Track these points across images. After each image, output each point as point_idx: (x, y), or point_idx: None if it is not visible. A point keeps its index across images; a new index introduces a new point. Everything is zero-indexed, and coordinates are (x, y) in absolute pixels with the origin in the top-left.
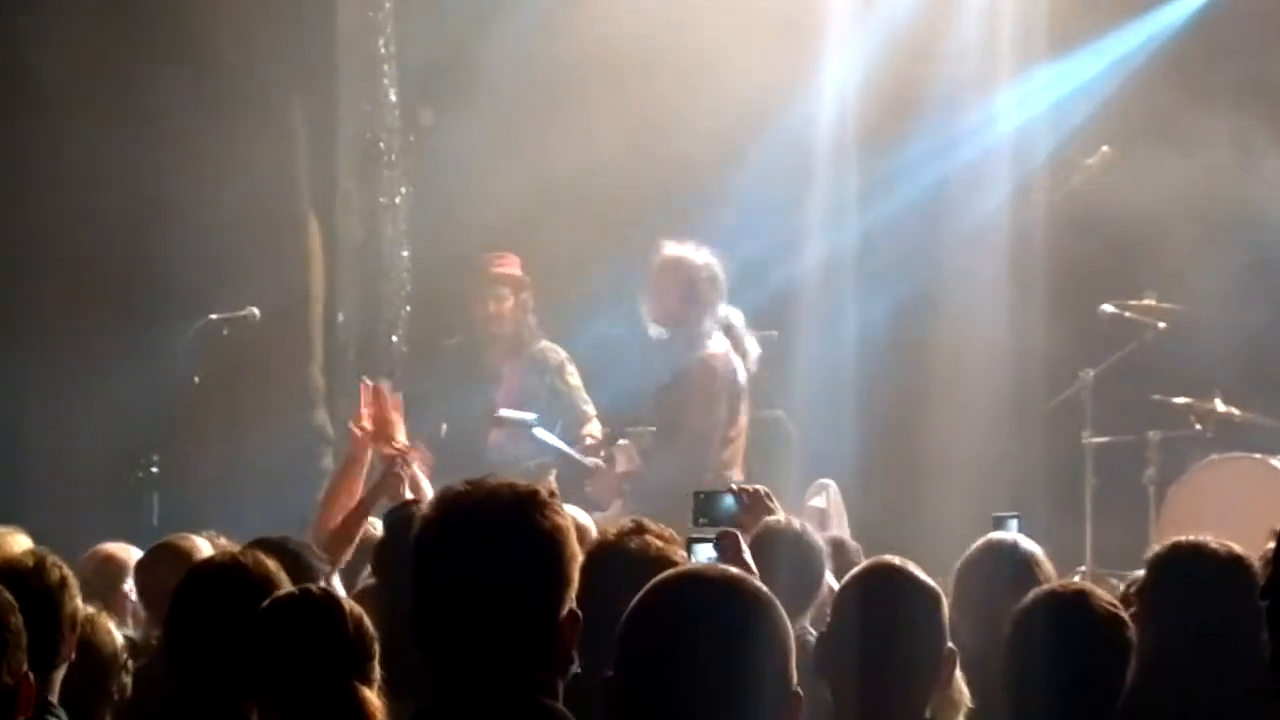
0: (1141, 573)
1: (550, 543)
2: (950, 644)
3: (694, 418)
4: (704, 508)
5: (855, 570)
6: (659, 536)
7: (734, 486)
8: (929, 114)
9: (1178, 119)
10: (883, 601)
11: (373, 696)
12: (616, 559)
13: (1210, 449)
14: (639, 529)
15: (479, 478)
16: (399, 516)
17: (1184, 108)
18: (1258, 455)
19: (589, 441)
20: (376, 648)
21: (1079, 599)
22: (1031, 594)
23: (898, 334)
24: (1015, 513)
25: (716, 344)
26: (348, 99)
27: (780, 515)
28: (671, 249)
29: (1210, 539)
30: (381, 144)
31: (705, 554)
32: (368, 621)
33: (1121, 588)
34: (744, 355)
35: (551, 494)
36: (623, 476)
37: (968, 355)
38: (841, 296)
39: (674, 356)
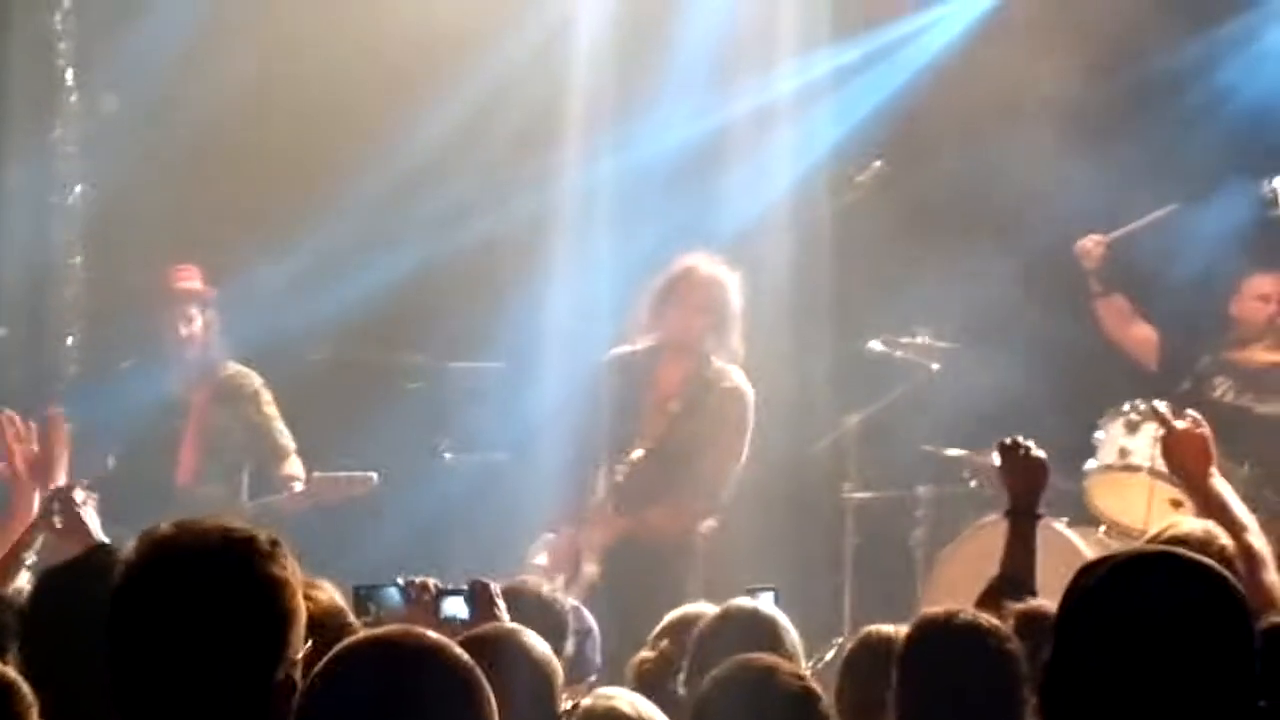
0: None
1: (265, 597)
2: None
3: (721, 452)
4: (365, 603)
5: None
6: (322, 589)
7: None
8: (692, 92)
9: (958, 134)
10: None
11: None
12: None
13: (987, 508)
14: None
15: (190, 520)
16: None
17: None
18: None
19: (295, 486)
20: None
21: (767, 673)
22: (709, 677)
23: None
24: (770, 585)
25: (739, 374)
26: (18, 80)
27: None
28: (704, 264)
29: (964, 610)
30: (56, 132)
31: (455, 608)
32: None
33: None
34: None
35: (273, 542)
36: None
37: None
38: (585, 326)
39: (692, 382)
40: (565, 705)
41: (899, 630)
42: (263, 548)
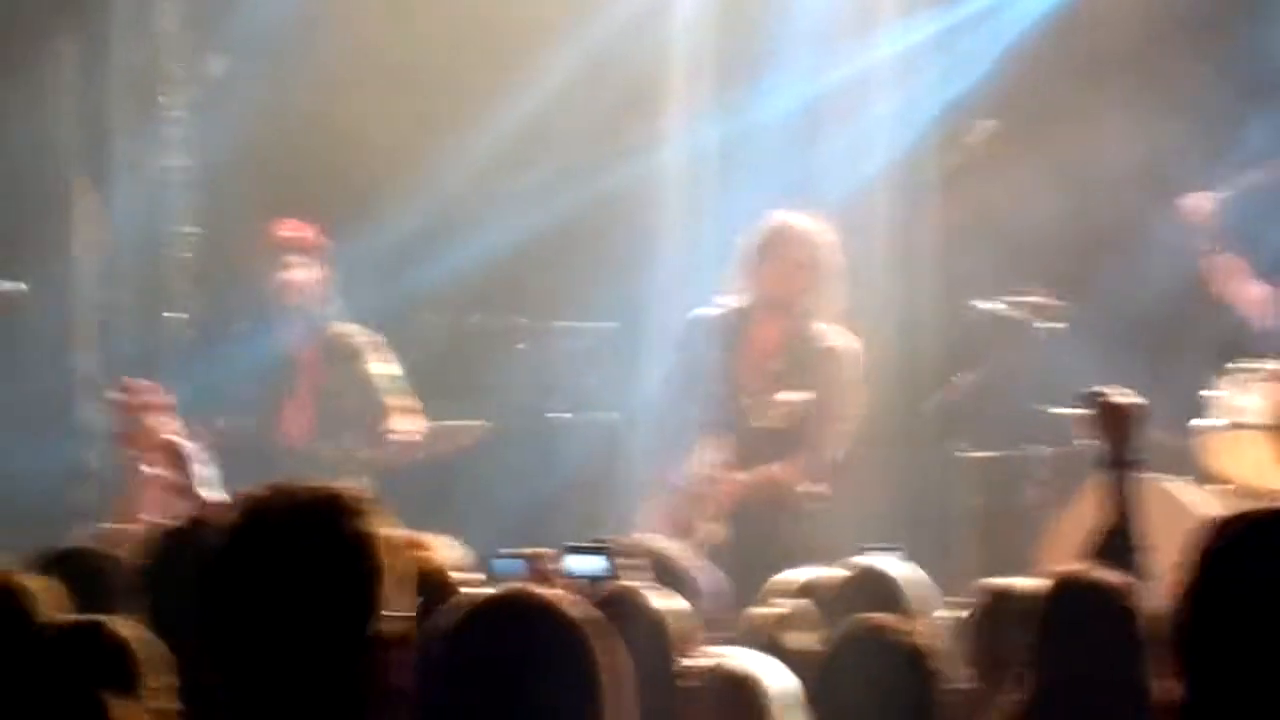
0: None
1: (354, 552)
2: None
3: (828, 415)
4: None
5: None
6: (435, 547)
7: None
8: (797, 55)
9: (1080, 89)
10: None
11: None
12: None
13: None
14: (413, 543)
15: (284, 481)
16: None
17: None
18: (1154, 476)
19: (409, 439)
20: (155, 673)
21: (874, 633)
22: (830, 637)
23: None
24: (893, 545)
25: (842, 333)
26: (121, 45)
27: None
28: (798, 220)
29: (1094, 569)
30: (162, 98)
31: (586, 565)
32: (143, 646)
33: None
34: None
35: (360, 498)
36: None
37: None
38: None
39: (792, 341)
40: (692, 663)
41: (1016, 585)
42: (349, 504)
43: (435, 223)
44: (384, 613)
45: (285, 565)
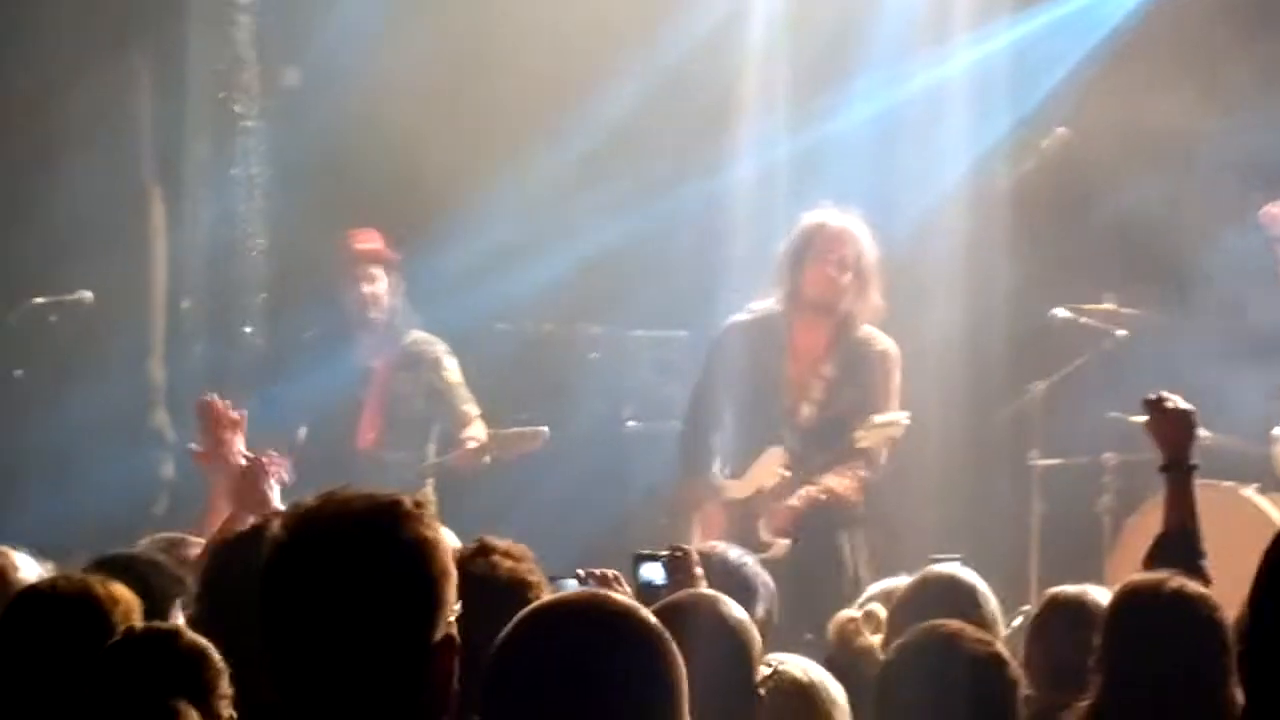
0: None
1: (413, 558)
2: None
3: (884, 426)
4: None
5: None
6: (507, 555)
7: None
8: (871, 68)
9: (1151, 96)
10: None
11: None
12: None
13: None
14: (482, 549)
15: (333, 490)
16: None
17: (1159, 82)
18: (1227, 484)
19: (471, 445)
20: (222, 682)
21: (951, 640)
22: (901, 637)
23: None
24: (956, 555)
25: (884, 336)
26: (197, 55)
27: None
28: (835, 218)
29: (1171, 578)
30: (237, 108)
31: (653, 574)
32: (213, 655)
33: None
34: None
35: (418, 504)
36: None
37: (909, 363)
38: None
39: (842, 344)
40: (763, 671)
41: (1085, 592)
42: (407, 510)
43: (510, 234)
44: (445, 618)
45: (343, 572)
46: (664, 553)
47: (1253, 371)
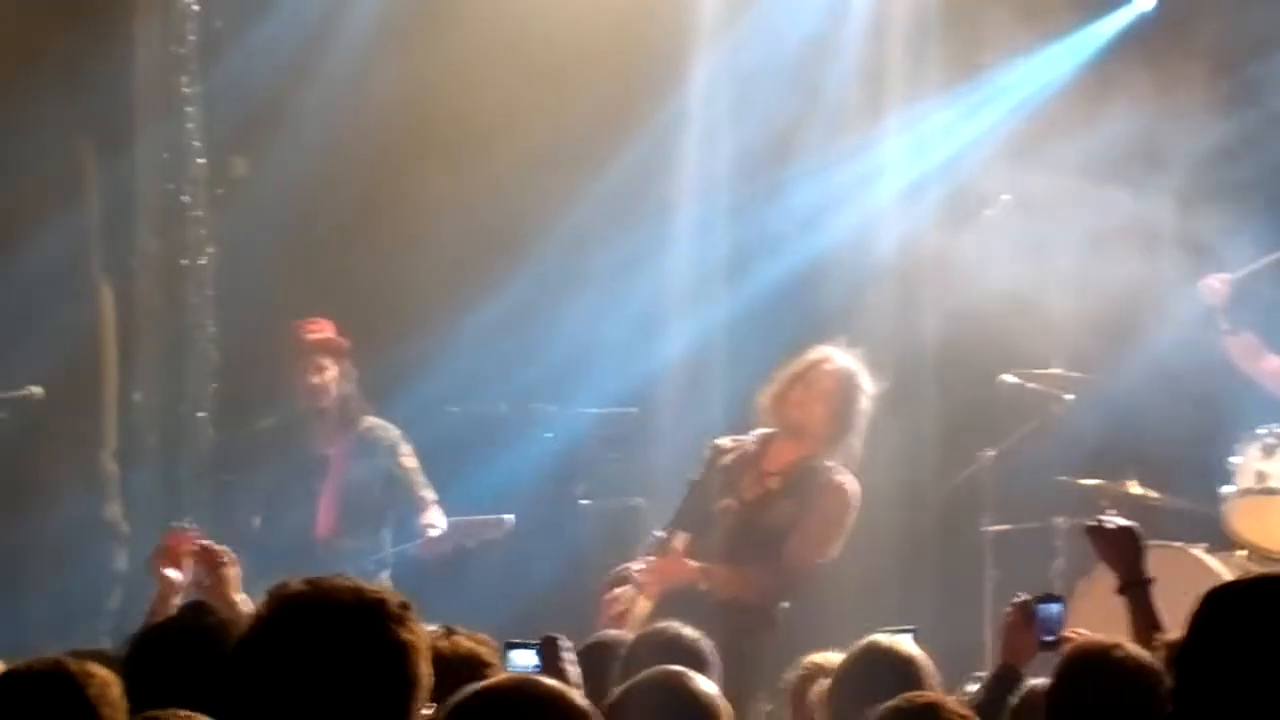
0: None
1: (401, 661)
2: None
3: (809, 540)
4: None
5: None
6: (470, 637)
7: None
8: (808, 155)
9: (1084, 163)
10: None
11: None
12: None
13: None
14: (447, 632)
15: (318, 577)
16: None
17: (1091, 150)
18: (1177, 544)
19: (431, 533)
20: None
21: (930, 710)
22: (876, 711)
23: None
24: (909, 626)
25: (849, 477)
26: (146, 146)
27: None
28: (838, 356)
29: (1120, 643)
30: (185, 197)
31: (525, 661)
32: None
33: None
34: None
35: (404, 604)
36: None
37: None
38: (709, 370)
39: (800, 466)
40: None
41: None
42: (393, 610)
43: (457, 319)
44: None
45: (322, 662)
46: (535, 642)
47: (1199, 433)
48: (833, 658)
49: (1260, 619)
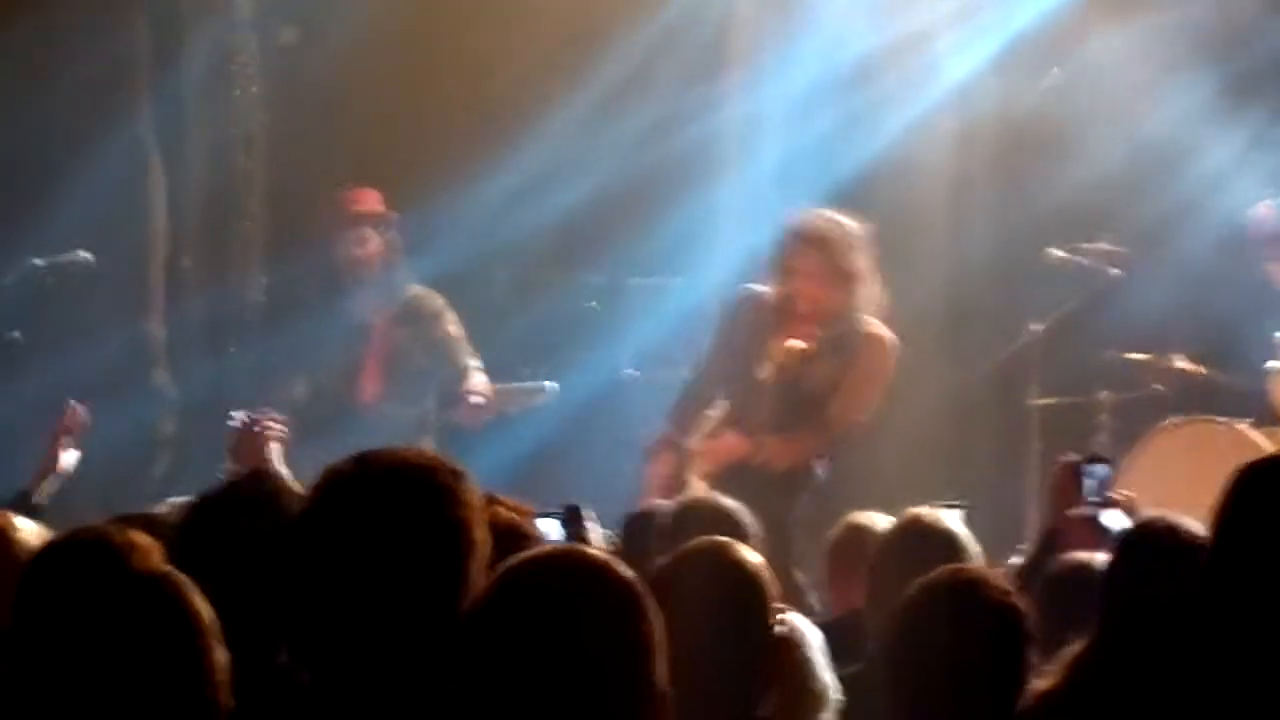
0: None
1: (450, 528)
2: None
3: (851, 397)
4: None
5: None
6: (511, 507)
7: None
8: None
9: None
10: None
11: None
12: None
13: (1169, 411)
14: (489, 501)
15: (367, 453)
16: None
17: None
18: (1222, 419)
19: (476, 400)
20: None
21: (971, 587)
22: (915, 584)
23: None
24: (960, 501)
25: (878, 323)
26: (193, 13)
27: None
28: (809, 226)
29: (1181, 520)
30: (234, 66)
31: (548, 530)
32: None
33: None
34: None
35: (456, 472)
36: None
37: (897, 308)
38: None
39: (830, 331)
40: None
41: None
42: (445, 479)
43: (508, 182)
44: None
45: (377, 538)
46: (559, 510)
47: (1245, 308)
48: (876, 519)
49: None
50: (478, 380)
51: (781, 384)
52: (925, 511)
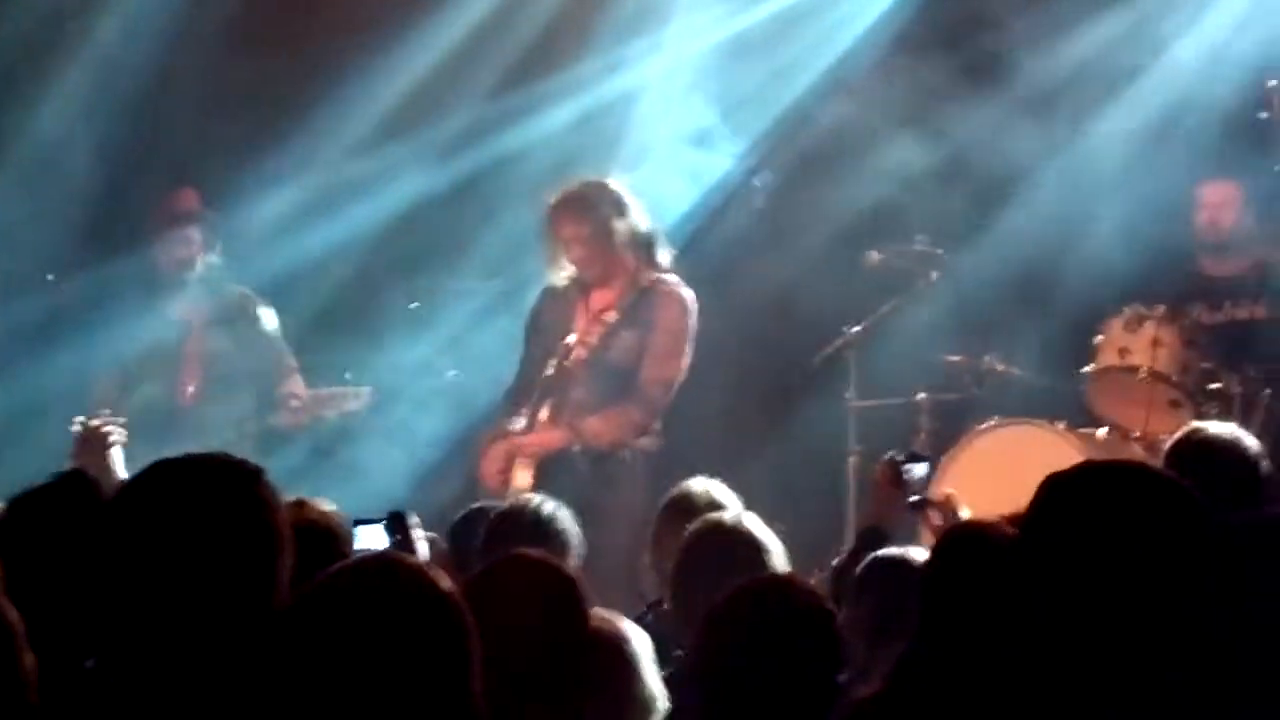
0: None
1: (264, 520)
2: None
3: (659, 360)
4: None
5: None
6: (318, 509)
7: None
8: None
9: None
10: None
11: None
12: None
13: (987, 413)
14: (299, 503)
15: (166, 459)
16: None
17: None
18: (1038, 421)
19: (293, 404)
20: None
21: (778, 591)
22: (726, 588)
23: None
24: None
25: (671, 277)
26: (17, 12)
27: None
28: (556, 196)
29: (992, 522)
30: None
31: (372, 537)
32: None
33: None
34: None
35: (258, 470)
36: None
37: (720, 310)
38: None
39: (628, 294)
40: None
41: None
42: (244, 480)
43: (330, 183)
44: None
45: (177, 540)
46: (382, 517)
47: (1063, 309)
48: (696, 486)
49: (1088, 509)
50: (296, 383)
51: (590, 360)
52: (726, 516)
